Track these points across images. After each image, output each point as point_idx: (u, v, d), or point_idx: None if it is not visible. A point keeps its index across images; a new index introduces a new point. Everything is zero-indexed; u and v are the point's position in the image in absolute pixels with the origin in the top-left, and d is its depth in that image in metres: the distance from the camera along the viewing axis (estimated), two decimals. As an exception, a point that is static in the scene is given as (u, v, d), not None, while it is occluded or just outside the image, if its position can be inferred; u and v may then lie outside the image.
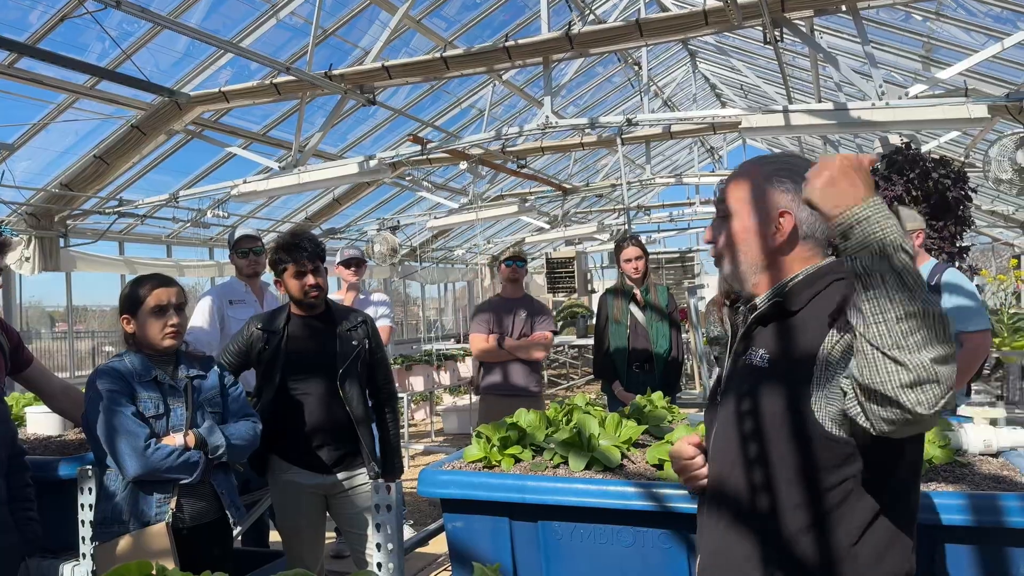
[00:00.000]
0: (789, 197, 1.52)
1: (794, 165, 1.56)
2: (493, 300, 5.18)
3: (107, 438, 2.51)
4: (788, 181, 1.54)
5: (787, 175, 1.54)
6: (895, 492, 1.43)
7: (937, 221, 6.09)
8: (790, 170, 1.55)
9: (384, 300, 5.20)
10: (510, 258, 5.04)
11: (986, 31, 6.53)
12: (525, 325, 4.92)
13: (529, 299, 5.08)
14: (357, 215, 12.30)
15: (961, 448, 2.31)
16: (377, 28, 7.22)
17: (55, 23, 5.47)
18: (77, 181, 7.23)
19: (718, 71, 11.82)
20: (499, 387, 4.90)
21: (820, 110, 5.30)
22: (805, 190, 1.34)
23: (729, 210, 1.60)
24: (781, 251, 1.53)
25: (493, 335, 4.90)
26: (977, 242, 14.37)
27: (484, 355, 4.96)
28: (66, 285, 8.79)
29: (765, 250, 1.55)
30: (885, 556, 1.41)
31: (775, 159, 1.62)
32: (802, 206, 1.45)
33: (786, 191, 1.53)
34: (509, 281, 5.05)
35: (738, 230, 1.58)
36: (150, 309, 2.65)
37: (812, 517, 1.42)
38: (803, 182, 1.37)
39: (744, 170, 1.64)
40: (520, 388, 4.85)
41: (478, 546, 2.31)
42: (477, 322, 5.04)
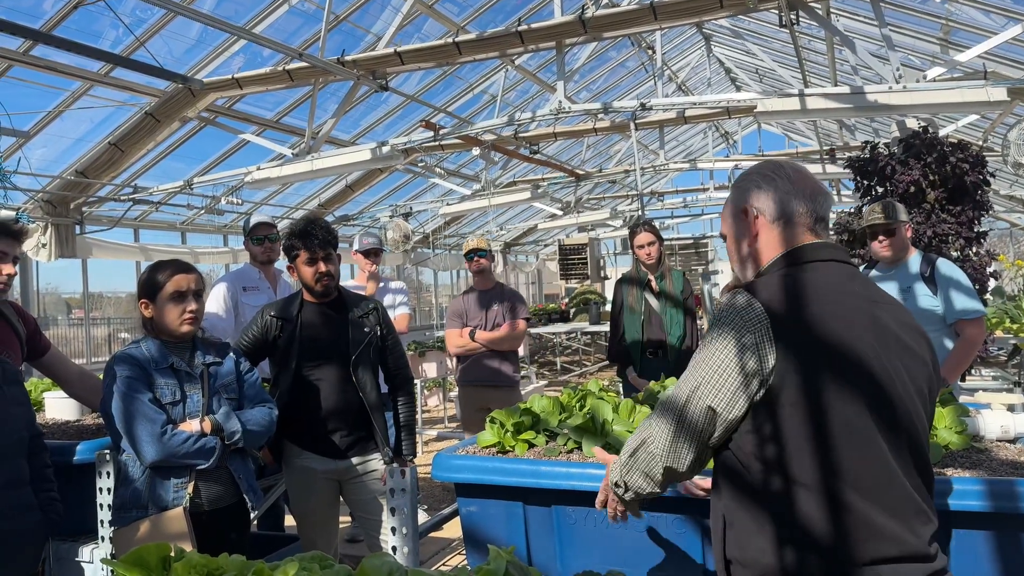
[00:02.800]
0: (748, 195, 1.73)
1: (752, 170, 1.78)
2: (466, 293, 5.18)
3: (125, 424, 2.53)
4: (747, 182, 1.75)
5: (746, 178, 1.76)
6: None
7: (955, 206, 6.03)
8: (747, 174, 1.77)
9: (401, 288, 5.22)
10: (470, 251, 5.02)
11: (1006, 13, 6.43)
12: (498, 316, 4.92)
13: (501, 289, 5.06)
14: (370, 202, 12.32)
15: (978, 434, 2.29)
16: (389, 13, 7.20)
17: (69, 10, 5.49)
18: (92, 168, 7.27)
19: (733, 55, 11.71)
20: (476, 378, 4.93)
21: (836, 94, 5.24)
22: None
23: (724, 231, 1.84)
24: (757, 241, 1.72)
25: (467, 328, 4.93)
26: (995, 227, 14.22)
27: (458, 349, 5.00)
28: (82, 272, 8.87)
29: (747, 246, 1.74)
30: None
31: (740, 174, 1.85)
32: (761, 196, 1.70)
33: (745, 190, 1.74)
34: (475, 274, 5.05)
35: (729, 245, 1.81)
36: (169, 295, 2.66)
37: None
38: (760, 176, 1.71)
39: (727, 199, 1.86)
40: (499, 377, 4.88)
41: (492, 530, 2.32)
42: (450, 316, 5.08)
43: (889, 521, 1.47)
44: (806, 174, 1.73)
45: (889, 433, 1.51)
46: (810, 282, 1.60)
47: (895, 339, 1.57)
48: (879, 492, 1.48)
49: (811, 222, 1.67)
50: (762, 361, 1.50)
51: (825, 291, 1.58)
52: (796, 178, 1.70)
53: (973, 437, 2.26)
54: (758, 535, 1.52)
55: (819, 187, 1.72)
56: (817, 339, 1.52)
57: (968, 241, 5.98)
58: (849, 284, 1.62)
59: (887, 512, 1.48)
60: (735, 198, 1.77)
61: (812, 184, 1.71)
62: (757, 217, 1.71)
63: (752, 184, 1.73)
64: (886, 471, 1.50)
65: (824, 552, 1.47)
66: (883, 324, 1.57)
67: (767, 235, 1.70)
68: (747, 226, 1.72)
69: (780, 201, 1.68)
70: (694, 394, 1.57)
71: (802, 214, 1.67)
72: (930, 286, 3.71)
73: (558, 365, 14.51)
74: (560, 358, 14.96)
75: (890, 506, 1.48)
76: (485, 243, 5.07)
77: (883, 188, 6.30)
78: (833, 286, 1.60)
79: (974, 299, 3.68)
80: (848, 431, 1.48)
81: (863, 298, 1.60)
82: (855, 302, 1.58)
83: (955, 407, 2.33)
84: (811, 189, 1.70)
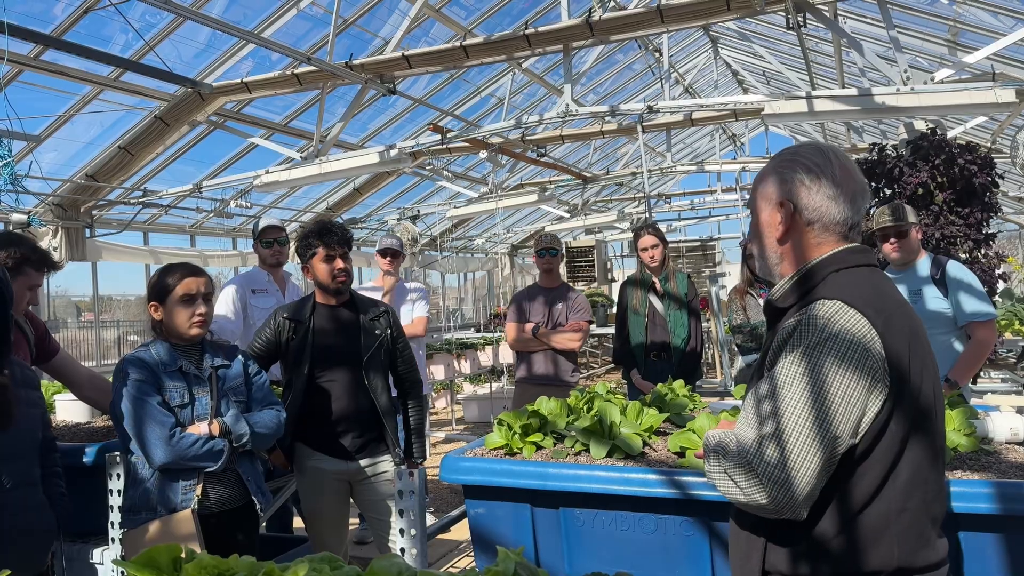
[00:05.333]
0: (788, 187, 1.60)
1: (799, 153, 1.63)
2: (530, 289, 5.14)
3: (134, 427, 2.55)
4: (789, 170, 1.61)
5: (791, 164, 1.62)
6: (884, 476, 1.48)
7: (963, 208, 6.00)
8: (792, 160, 1.62)
9: (420, 288, 5.24)
10: (542, 248, 5.00)
11: (1014, 14, 6.41)
12: (560, 315, 4.89)
13: (566, 288, 5.03)
14: (378, 205, 12.35)
15: (987, 436, 2.29)
16: (397, 17, 7.22)
17: (79, 15, 5.52)
18: (102, 172, 7.31)
19: (740, 57, 11.70)
20: (533, 376, 4.86)
21: (844, 96, 5.23)
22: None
23: (754, 207, 1.70)
24: (789, 239, 1.62)
25: (529, 324, 4.88)
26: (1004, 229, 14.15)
27: (518, 344, 4.92)
28: (92, 275, 8.92)
29: (776, 239, 1.63)
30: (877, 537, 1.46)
31: (783, 152, 1.68)
32: (802, 192, 1.58)
33: (785, 181, 1.61)
34: (543, 271, 5.02)
35: (757, 225, 1.68)
36: (179, 298, 2.68)
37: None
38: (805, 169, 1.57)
39: (763, 168, 1.72)
40: (554, 378, 4.82)
41: (500, 532, 2.33)
42: (512, 311, 5.01)
43: (934, 529, 1.52)
44: (852, 171, 1.61)
45: (937, 444, 1.54)
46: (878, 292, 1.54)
47: (929, 347, 1.58)
48: (933, 502, 1.52)
49: (846, 230, 1.59)
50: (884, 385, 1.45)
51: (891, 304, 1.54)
52: (842, 178, 1.58)
53: (982, 439, 2.25)
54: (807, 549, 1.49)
55: (861, 187, 1.61)
56: (906, 358, 1.48)
57: (977, 243, 5.96)
58: (894, 293, 1.59)
59: (931, 521, 1.51)
60: (771, 184, 1.64)
61: (855, 185, 1.60)
62: (794, 215, 1.60)
63: (795, 176, 1.60)
64: (939, 482, 1.54)
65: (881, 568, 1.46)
66: (922, 332, 1.57)
67: (800, 236, 1.61)
68: (780, 219, 1.62)
69: (821, 205, 1.58)
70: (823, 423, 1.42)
71: (840, 223, 1.58)
72: (940, 288, 3.70)
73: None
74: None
75: (936, 515, 1.53)
76: (559, 242, 5.07)
77: (891, 190, 6.28)
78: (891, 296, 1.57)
79: (985, 301, 3.67)
80: (924, 438, 1.49)
81: (907, 306, 1.59)
82: (907, 311, 1.57)
83: (964, 409, 2.32)
84: (853, 191, 1.59)
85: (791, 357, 1.47)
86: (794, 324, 1.51)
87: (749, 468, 1.44)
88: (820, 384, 1.43)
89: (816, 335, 1.46)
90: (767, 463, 1.42)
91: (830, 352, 1.44)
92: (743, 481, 1.45)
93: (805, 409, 1.43)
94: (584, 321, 4.88)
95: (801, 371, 1.45)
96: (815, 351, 1.45)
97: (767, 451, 1.43)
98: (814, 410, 1.42)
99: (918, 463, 1.48)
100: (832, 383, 1.42)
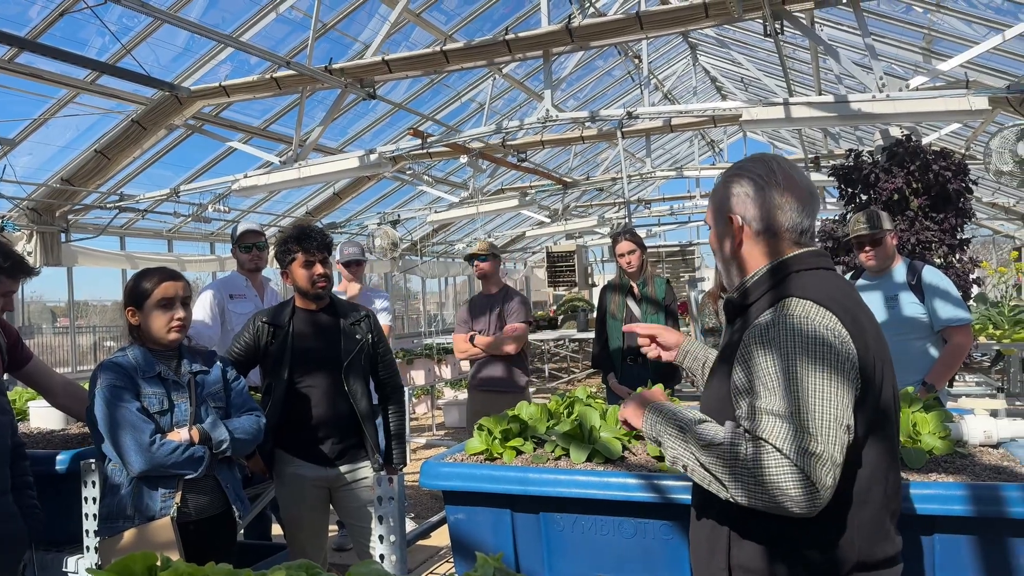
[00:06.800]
0: (735, 200, 1.67)
1: (744, 167, 1.71)
2: (474, 297, 5.22)
3: (111, 434, 2.52)
4: (736, 184, 1.69)
5: (736, 179, 1.69)
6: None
7: (938, 213, 6.08)
8: (738, 174, 1.69)
9: (383, 295, 5.22)
10: (470, 255, 5.04)
11: (987, 23, 6.51)
12: (500, 320, 4.93)
13: (506, 293, 5.06)
14: (358, 209, 12.30)
15: (962, 439, 2.31)
16: (377, 22, 7.22)
17: (55, 18, 5.46)
18: (78, 176, 7.23)
19: (718, 64, 11.79)
20: (483, 383, 4.95)
21: (821, 103, 5.29)
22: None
23: (709, 222, 1.79)
24: (743, 249, 1.68)
25: (471, 333, 4.95)
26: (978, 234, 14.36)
27: (462, 353, 5.04)
28: (68, 280, 8.81)
29: (730, 251, 1.70)
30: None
31: (730, 168, 1.76)
32: (748, 205, 1.65)
33: (733, 195, 1.69)
34: (479, 278, 5.08)
35: (713, 239, 1.77)
36: (156, 302, 2.65)
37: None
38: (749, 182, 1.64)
39: (714, 184, 1.82)
40: (504, 383, 4.88)
41: (480, 538, 2.32)
42: (457, 322, 5.13)
43: (892, 523, 1.57)
44: (796, 179, 1.65)
45: (895, 442, 1.60)
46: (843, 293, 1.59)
47: (887, 348, 1.63)
48: (892, 497, 1.57)
49: (797, 235, 1.64)
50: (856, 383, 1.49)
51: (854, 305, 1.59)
52: (787, 186, 1.63)
53: (957, 442, 2.28)
54: (773, 542, 1.53)
55: (808, 193, 1.65)
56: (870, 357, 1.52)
57: (951, 248, 6.04)
58: (855, 294, 1.64)
59: (891, 515, 1.57)
60: (721, 199, 1.71)
61: (801, 191, 1.64)
62: (742, 227, 1.66)
63: (740, 190, 1.66)
64: (896, 480, 1.59)
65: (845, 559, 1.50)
66: (881, 333, 1.62)
67: (751, 246, 1.66)
68: (731, 233, 1.68)
69: (768, 215, 1.63)
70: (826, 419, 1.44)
71: (789, 229, 1.63)
72: (916, 294, 3.74)
73: (546, 372, 14.51)
74: (548, 365, 14.96)
75: (894, 511, 1.58)
76: (486, 246, 5.07)
77: (867, 196, 6.36)
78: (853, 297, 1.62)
79: (960, 307, 3.71)
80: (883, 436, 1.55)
81: (867, 308, 1.64)
82: (868, 313, 1.62)
83: (939, 412, 2.35)
84: (800, 198, 1.63)
85: (777, 356, 1.47)
86: (769, 321, 1.52)
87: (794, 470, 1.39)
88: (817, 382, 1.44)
89: (796, 335, 1.47)
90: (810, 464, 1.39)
91: (814, 352, 1.45)
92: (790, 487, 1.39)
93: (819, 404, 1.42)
94: (519, 322, 4.92)
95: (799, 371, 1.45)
96: (798, 350, 1.46)
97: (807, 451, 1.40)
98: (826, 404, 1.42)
99: (878, 459, 1.53)
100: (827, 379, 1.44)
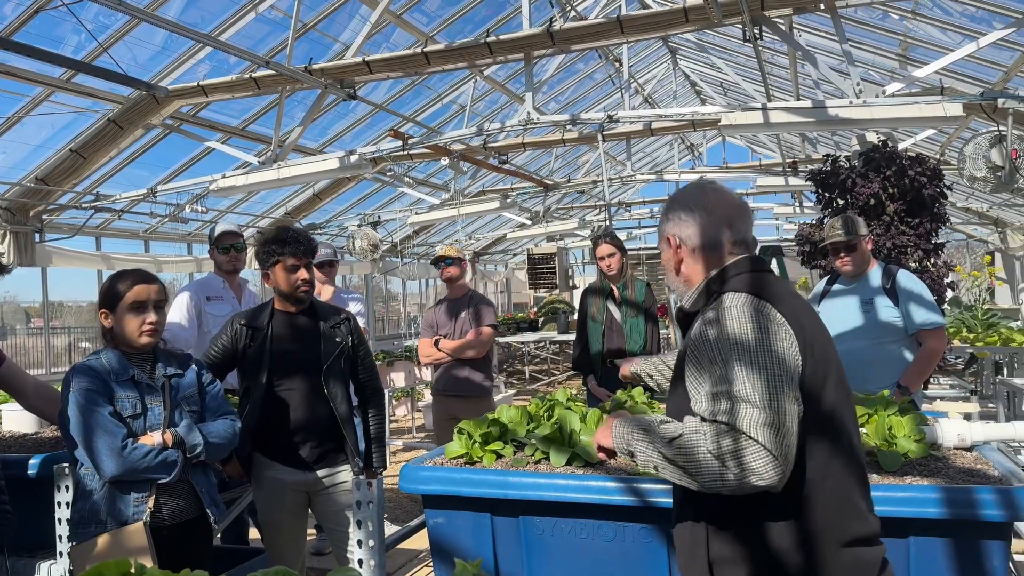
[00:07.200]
0: (672, 224, 1.87)
1: (678, 195, 1.91)
2: (439, 301, 5.21)
3: (84, 438, 2.48)
4: (672, 210, 1.88)
5: (672, 205, 1.89)
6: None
7: (913, 218, 6.15)
8: (674, 201, 1.90)
9: (359, 297, 5.18)
10: (436, 259, 5.02)
11: (962, 30, 6.61)
12: (464, 323, 4.92)
13: (471, 297, 5.06)
14: (337, 210, 12.24)
15: (936, 442, 2.34)
16: (357, 22, 7.18)
17: (30, 15, 5.39)
18: (53, 175, 7.13)
19: (698, 68, 11.87)
20: (449, 387, 4.93)
21: (799, 108, 5.34)
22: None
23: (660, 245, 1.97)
24: (684, 266, 1.86)
25: (436, 338, 4.94)
26: (952, 239, 14.55)
27: (427, 358, 5.01)
28: (42, 280, 8.70)
29: (675, 269, 1.89)
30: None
31: (670, 196, 1.99)
32: (682, 226, 1.83)
33: (670, 220, 1.88)
34: (445, 282, 5.06)
35: (663, 260, 1.94)
36: (128, 305, 2.62)
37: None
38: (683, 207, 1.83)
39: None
40: (470, 386, 4.87)
41: (460, 542, 2.31)
42: (423, 326, 5.10)
43: (864, 500, 1.65)
44: (725, 200, 1.83)
45: (848, 424, 1.67)
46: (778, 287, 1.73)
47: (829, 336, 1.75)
48: (859, 476, 1.65)
49: (731, 247, 1.80)
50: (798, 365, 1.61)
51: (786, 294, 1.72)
52: (714, 207, 1.81)
53: (931, 445, 2.31)
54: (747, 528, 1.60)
55: (737, 211, 1.82)
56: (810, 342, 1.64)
57: (926, 252, 6.11)
58: (789, 288, 1.78)
59: (859, 493, 1.64)
60: (662, 224, 1.92)
61: (729, 210, 1.82)
62: (680, 247, 1.84)
63: (675, 215, 1.86)
64: (859, 458, 1.67)
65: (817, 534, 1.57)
66: (820, 321, 1.76)
67: (691, 262, 1.83)
68: (672, 252, 1.86)
69: (700, 233, 1.81)
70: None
71: (722, 242, 1.80)
72: (891, 298, 3.79)
73: (527, 374, 14.52)
74: (529, 367, 14.97)
75: (863, 489, 1.66)
76: (454, 251, 5.06)
77: (844, 200, 6.41)
78: (787, 289, 1.76)
79: (934, 311, 3.76)
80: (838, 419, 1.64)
81: (801, 299, 1.78)
82: (802, 301, 1.75)
83: (914, 416, 2.38)
84: (729, 215, 1.81)
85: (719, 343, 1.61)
86: (708, 316, 1.68)
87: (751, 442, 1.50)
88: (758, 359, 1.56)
89: (732, 321, 1.62)
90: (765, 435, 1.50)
91: (752, 332, 1.59)
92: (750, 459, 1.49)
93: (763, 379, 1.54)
94: (486, 327, 4.91)
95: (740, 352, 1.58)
96: (737, 334, 1.60)
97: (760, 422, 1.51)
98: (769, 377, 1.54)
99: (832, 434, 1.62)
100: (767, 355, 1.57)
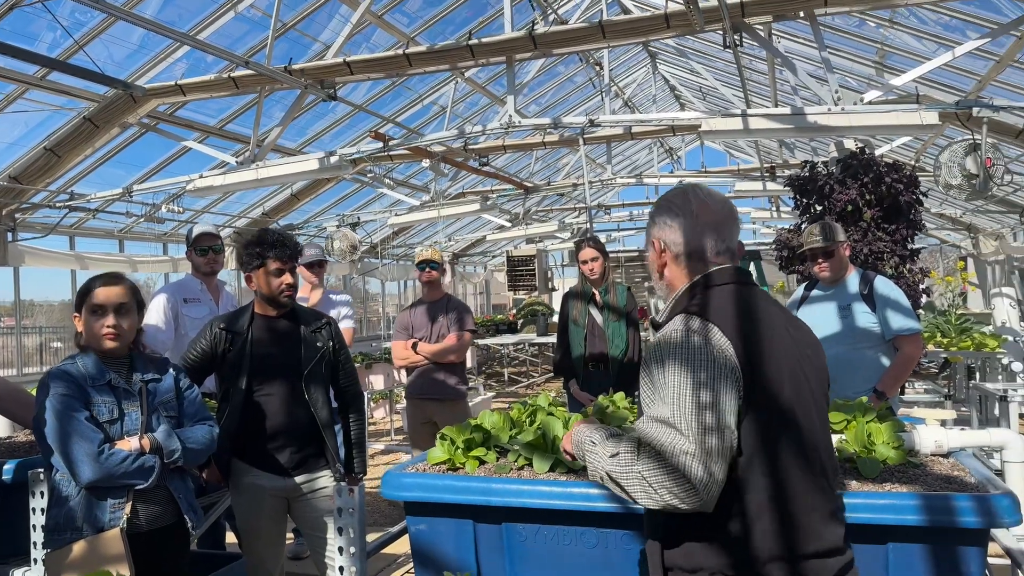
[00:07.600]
0: (657, 229, 1.88)
1: (665, 199, 1.91)
2: (414, 304, 5.18)
3: (60, 444, 2.44)
4: (658, 214, 1.89)
5: (659, 209, 1.90)
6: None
7: (890, 224, 6.23)
8: (660, 206, 1.91)
9: (347, 300, 5.15)
10: (421, 262, 5.01)
11: (937, 39, 6.70)
12: (442, 327, 4.91)
13: (448, 300, 5.05)
14: (316, 211, 12.16)
15: (914, 449, 2.37)
16: (338, 22, 7.15)
17: (4, 11, 5.30)
18: (26, 174, 7.02)
19: (678, 73, 11.93)
20: (421, 391, 4.91)
21: (778, 114, 5.39)
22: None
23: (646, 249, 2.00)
24: (667, 271, 1.88)
25: (411, 340, 4.91)
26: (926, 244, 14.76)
27: (401, 361, 4.99)
28: (14, 280, 8.56)
29: (659, 273, 1.90)
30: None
31: (657, 200, 1.98)
32: (667, 231, 1.84)
33: (655, 224, 1.89)
34: (424, 284, 5.05)
35: (648, 262, 1.96)
36: (89, 307, 2.59)
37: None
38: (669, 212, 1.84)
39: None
40: (445, 390, 4.85)
41: (442, 549, 2.30)
42: (397, 328, 5.06)
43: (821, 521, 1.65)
44: (712, 205, 1.83)
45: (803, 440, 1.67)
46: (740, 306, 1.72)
47: (802, 353, 1.75)
48: (817, 489, 1.66)
49: (713, 255, 1.81)
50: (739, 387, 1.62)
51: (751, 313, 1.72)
52: (701, 212, 1.82)
53: (909, 452, 2.33)
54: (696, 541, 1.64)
55: (724, 217, 1.83)
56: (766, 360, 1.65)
57: (903, 258, 6.19)
58: (760, 304, 1.77)
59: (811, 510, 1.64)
60: (648, 227, 1.93)
61: (716, 216, 1.82)
62: (664, 251, 1.86)
63: (661, 219, 1.87)
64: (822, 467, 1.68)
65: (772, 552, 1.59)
66: (795, 340, 1.76)
67: (674, 268, 1.86)
68: (656, 255, 1.88)
69: (685, 239, 1.82)
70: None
71: (705, 249, 1.81)
72: (868, 304, 3.83)
73: (505, 376, 14.51)
74: (508, 369, 14.97)
75: (815, 506, 1.65)
76: (438, 255, 5.05)
77: (822, 207, 6.48)
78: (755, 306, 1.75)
79: (911, 317, 3.81)
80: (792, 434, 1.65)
81: (773, 315, 1.76)
82: (770, 320, 1.74)
83: (892, 423, 2.40)
84: (715, 222, 1.81)
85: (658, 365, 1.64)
86: (656, 337, 1.72)
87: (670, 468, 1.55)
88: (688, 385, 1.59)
89: (673, 346, 1.64)
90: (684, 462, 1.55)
91: (686, 358, 1.61)
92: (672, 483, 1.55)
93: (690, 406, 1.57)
94: (467, 331, 4.91)
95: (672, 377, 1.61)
96: (673, 358, 1.63)
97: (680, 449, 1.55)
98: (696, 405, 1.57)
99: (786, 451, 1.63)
100: (697, 382, 1.58)
